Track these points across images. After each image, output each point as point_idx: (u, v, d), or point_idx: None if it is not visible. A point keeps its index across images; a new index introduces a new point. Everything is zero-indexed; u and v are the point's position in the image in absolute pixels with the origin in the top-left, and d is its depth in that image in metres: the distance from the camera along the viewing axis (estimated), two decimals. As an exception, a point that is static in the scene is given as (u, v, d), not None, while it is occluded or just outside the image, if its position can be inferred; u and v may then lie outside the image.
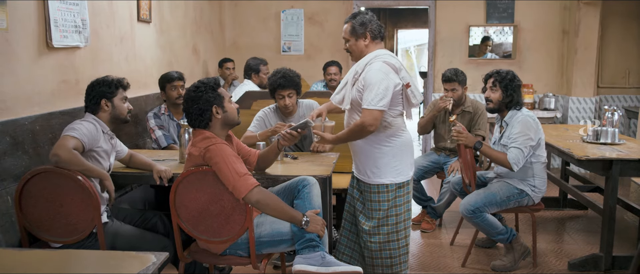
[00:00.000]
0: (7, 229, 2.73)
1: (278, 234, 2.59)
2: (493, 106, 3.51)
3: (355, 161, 2.99)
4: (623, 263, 3.48)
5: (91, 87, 2.83)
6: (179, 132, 3.89)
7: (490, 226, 3.44)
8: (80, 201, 2.54)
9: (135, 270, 1.62)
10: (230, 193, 2.43)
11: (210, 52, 6.14)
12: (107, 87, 2.81)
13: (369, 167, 2.87)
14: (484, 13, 6.53)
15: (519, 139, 3.33)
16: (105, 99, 2.80)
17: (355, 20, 2.82)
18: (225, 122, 2.60)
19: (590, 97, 6.34)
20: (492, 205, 3.43)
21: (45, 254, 1.85)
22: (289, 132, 2.80)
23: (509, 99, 3.45)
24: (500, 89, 3.45)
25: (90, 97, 2.81)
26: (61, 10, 3.18)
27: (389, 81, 2.69)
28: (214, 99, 2.55)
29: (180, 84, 3.93)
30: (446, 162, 4.35)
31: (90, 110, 2.82)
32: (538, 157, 3.44)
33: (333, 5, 6.68)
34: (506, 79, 3.44)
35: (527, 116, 3.41)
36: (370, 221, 2.89)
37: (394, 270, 2.93)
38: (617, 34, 6.59)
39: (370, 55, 2.79)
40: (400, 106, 2.83)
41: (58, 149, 2.51)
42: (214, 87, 2.58)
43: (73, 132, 2.60)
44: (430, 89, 6.77)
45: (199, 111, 2.53)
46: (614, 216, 3.43)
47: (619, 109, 3.95)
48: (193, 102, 2.54)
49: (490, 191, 3.46)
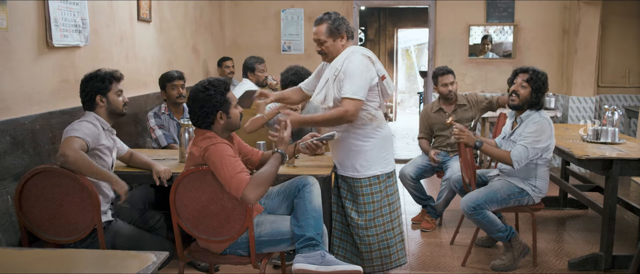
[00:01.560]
0: (7, 229, 2.73)
1: (278, 233, 2.59)
2: (518, 103, 3.46)
3: (339, 159, 3.01)
4: (623, 263, 3.48)
5: (85, 82, 2.80)
6: (179, 132, 3.90)
7: (490, 223, 3.44)
8: (80, 200, 2.54)
9: (135, 270, 1.61)
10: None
11: (210, 51, 6.14)
12: (100, 82, 2.78)
13: (359, 162, 2.92)
14: (484, 12, 6.53)
15: (529, 138, 3.33)
16: (100, 95, 2.78)
17: (332, 21, 2.86)
18: (226, 128, 2.59)
19: (590, 97, 6.34)
20: (493, 202, 3.43)
21: (45, 253, 1.85)
22: (315, 143, 2.80)
23: (536, 100, 3.43)
24: (531, 88, 3.42)
25: (85, 93, 2.79)
26: (61, 10, 3.18)
27: (369, 73, 2.80)
28: (221, 105, 2.52)
29: (181, 83, 3.94)
30: (445, 161, 4.35)
31: (86, 107, 2.81)
32: (544, 160, 3.43)
33: (333, 5, 6.67)
34: (540, 81, 3.42)
35: (544, 119, 3.40)
36: (364, 215, 2.94)
37: (393, 258, 2.98)
38: (617, 34, 6.59)
39: (347, 51, 2.86)
40: (378, 98, 2.93)
41: (65, 150, 2.51)
42: (223, 92, 2.53)
43: (76, 133, 2.59)
44: (430, 88, 6.77)
45: (203, 112, 2.51)
46: (614, 216, 3.43)
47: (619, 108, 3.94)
48: (199, 103, 2.51)
49: (492, 189, 3.47)
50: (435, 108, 4.47)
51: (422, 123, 4.58)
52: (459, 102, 4.36)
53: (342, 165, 3.00)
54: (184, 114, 3.98)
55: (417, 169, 4.33)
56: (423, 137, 4.55)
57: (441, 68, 4.37)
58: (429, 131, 4.52)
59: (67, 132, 2.62)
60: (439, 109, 4.44)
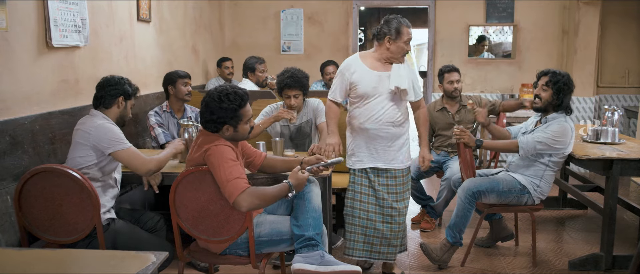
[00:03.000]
0: (6, 229, 2.73)
1: (277, 233, 2.59)
2: (540, 105, 3.46)
3: (384, 153, 3.17)
4: (623, 263, 3.48)
5: (113, 83, 2.88)
6: (178, 131, 3.90)
7: (465, 218, 3.46)
8: (79, 200, 2.54)
9: (135, 270, 1.61)
10: (230, 193, 2.43)
11: (209, 51, 6.14)
12: (129, 88, 2.92)
13: (402, 154, 3.22)
14: (483, 13, 6.53)
15: (546, 134, 3.32)
16: (123, 97, 2.89)
17: None
18: (232, 138, 2.58)
19: (590, 97, 6.35)
20: (492, 192, 3.44)
21: (44, 253, 1.85)
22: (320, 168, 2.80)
23: (558, 101, 3.40)
24: (552, 90, 3.40)
25: (111, 89, 2.86)
26: (61, 10, 3.17)
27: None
28: (230, 119, 2.50)
29: (190, 82, 3.99)
30: (445, 161, 4.35)
31: (99, 103, 2.86)
32: (554, 164, 3.42)
33: (332, 5, 6.68)
34: (560, 82, 3.39)
35: (568, 125, 3.37)
36: (403, 202, 3.25)
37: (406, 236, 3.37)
38: (617, 34, 6.59)
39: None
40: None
41: (147, 165, 2.78)
42: (236, 108, 2.50)
43: (126, 143, 2.76)
44: (430, 88, 6.77)
45: (212, 119, 2.51)
46: (615, 216, 3.43)
47: (619, 108, 3.94)
48: (210, 109, 2.50)
49: (495, 179, 3.48)
50: (438, 107, 4.45)
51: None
52: (462, 102, 4.35)
53: (386, 158, 3.18)
54: (184, 114, 3.98)
55: (417, 169, 4.33)
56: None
57: (448, 65, 4.36)
58: (430, 129, 4.51)
59: (118, 146, 2.73)
60: (442, 108, 4.42)
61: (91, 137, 2.72)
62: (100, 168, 2.77)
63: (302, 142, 3.81)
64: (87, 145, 2.73)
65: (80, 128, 2.78)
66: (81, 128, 2.78)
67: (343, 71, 3.18)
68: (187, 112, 3.99)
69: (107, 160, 2.78)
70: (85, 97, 3.44)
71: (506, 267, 3.60)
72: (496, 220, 3.86)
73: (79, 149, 2.74)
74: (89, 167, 2.73)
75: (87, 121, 2.80)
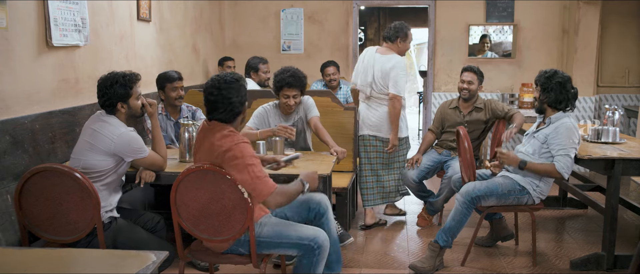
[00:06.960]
0: (6, 228, 2.72)
1: (277, 236, 2.59)
2: (537, 106, 3.48)
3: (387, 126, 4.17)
4: (625, 262, 3.48)
5: (105, 87, 2.80)
6: (176, 132, 3.89)
7: (460, 223, 3.45)
8: (80, 199, 2.53)
9: (135, 269, 1.61)
10: (231, 192, 2.42)
11: (210, 51, 6.14)
12: (122, 88, 2.81)
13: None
14: (483, 12, 6.53)
15: (566, 145, 3.29)
16: (121, 102, 2.83)
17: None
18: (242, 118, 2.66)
19: (590, 97, 6.35)
20: (492, 196, 3.43)
21: (45, 253, 1.85)
22: (281, 165, 2.99)
23: (549, 98, 3.37)
24: (541, 88, 3.40)
25: (107, 97, 2.80)
26: (61, 9, 3.17)
27: None
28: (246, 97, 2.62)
29: (181, 84, 3.88)
30: (447, 160, 4.34)
31: (107, 111, 2.85)
32: None
33: (333, 5, 6.68)
34: (542, 78, 3.39)
35: (573, 126, 3.34)
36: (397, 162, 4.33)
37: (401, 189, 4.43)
38: (617, 33, 6.59)
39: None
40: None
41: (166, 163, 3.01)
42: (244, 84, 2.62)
43: (146, 150, 2.88)
44: (430, 88, 6.77)
45: (239, 103, 2.54)
46: (616, 215, 3.43)
47: (619, 108, 3.93)
48: (235, 92, 2.52)
49: (494, 183, 3.47)
50: (453, 105, 4.40)
51: (436, 116, 4.52)
52: (477, 104, 4.31)
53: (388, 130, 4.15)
54: (181, 114, 3.93)
55: (420, 171, 4.31)
56: (432, 130, 4.51)
57: (469, 65, 4.33)
58: (440, 125, 4.46)
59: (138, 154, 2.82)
60: (455, 106, 4.38)
61: (113, 144, 2.74)
62: (116, 171, 2.81)
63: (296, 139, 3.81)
64: (107, 151, 2.74)
65: (99, 131, 2.75)
66: (100, 131, 2.75)
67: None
68: (184, 112, 3.94)
69: (125, 165, 2.84)
70: (85, 97, 3.45)
71: (506, 267, 3.60)
72: (496, 220, 3.86)
73: (96, 153, 2.73)
74: (106, 171, 2.76)
75: (105, 126, 2.77)
